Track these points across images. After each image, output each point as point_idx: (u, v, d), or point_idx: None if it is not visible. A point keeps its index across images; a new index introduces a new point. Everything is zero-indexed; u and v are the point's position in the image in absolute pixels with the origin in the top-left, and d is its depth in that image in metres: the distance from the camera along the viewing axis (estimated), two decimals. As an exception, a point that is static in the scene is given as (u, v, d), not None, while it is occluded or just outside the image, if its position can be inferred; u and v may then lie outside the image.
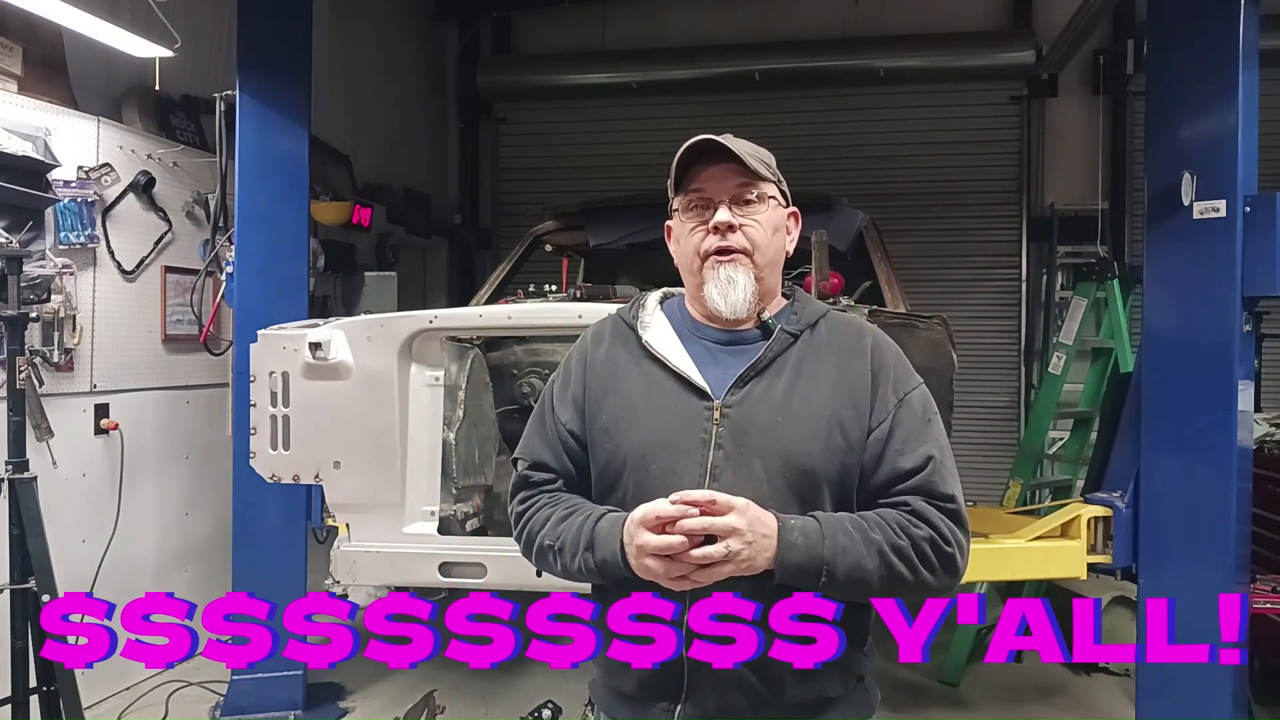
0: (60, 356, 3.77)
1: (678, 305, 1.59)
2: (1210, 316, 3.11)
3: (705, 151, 1.49)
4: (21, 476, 2.95)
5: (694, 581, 1.34)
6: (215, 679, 4.19)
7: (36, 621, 2.92)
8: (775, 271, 1.53)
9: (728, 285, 1.45)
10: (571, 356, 1.60)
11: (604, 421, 1.50)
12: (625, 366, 1.52)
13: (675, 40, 7.53)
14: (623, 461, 1.47)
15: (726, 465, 1.41)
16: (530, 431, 1.61)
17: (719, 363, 1.48)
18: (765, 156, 1.52)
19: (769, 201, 1.50)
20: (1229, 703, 3.12)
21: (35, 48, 3.78)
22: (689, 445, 1.43)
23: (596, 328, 1.63)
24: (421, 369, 2.70)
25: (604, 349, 1.56)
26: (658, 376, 1.48)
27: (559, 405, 1.56)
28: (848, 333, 1.53)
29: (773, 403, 1.43)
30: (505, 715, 3.98)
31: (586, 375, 1.55)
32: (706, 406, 1.43)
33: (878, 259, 3.62)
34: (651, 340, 1.52)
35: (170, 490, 4.48)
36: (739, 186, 1.48)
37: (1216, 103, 3.09)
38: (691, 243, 1.49)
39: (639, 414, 1.47)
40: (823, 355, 1.48)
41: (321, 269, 5.49)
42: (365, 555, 2.67)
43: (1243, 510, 3.15)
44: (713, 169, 1.48)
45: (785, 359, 1.47)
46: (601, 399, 1.51)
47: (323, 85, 5.67)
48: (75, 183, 3.85)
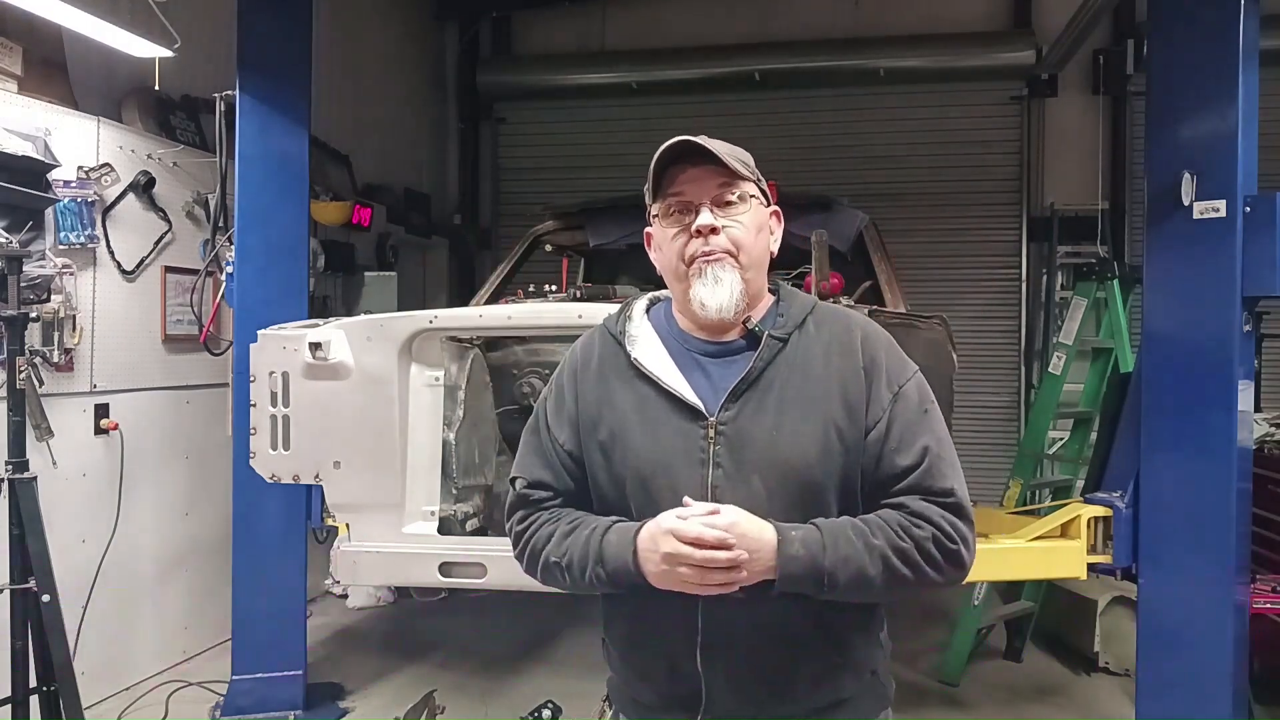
0: (60, 356, 3.77)
1: (665, 312, 1.57)
2: (1210, 316, 3.11)
3: (683, 154, 1.46)
4: (21, 476, 2.94)
5: (717, 587, 1.35)
6: (215, 679, 4.20)
7: (37, 621, 2.93)
8: (761, 273, 1.50)
9: (714, 284, 1.42)
10: (563, 373, 1.58)
11: (600, 441, 1.48)
12: (616, 385, 1.49)
13: (675, 40, 7.54)
14: (623, 482, 1.46)
15: (726, 483, 1.40)
16: (525, 450, 1.59)
17: (709, 376, 1.46)
18: (743, 156, 1.49)
19: (750, 201, 1.47)
20: (1229, 703, 3.11)
21: (35, 48, 3.78)
22: (687, 465, 1.41)
23: (585, 341, 1.59)
24: (421, 369, 2.71)
25: (594, 367, 1.53)
26: (649, 395, 1.46)
27: (554, 425, 1.54)
28: (836, 327, 1.50)
29: (766, 416, 1.41)
30: (505, 715, 3.98)
31: (579, 395, 1.52)
32: (701, 425, 1.41)
33: (878, 259, 3.62)
34: (641, 358, 1.48)
35: (170, 490, 4.48)
36: (719, 187, 1.45)
37: (1216, 102, 3.08)
38: (674, 248, 1.46)
39: (634, 435, 1.45)
40: (813, 357, 1.46)
41: (322, 269, 5.49)
42: (365, 555, 2.68)
43: (1242, 510, 3.14)
44: (692, 170, 1.45)
45: (775, 367, 1.44)
46: (596, 419, 1.49)
47: (323, 85, 5.66)
48: (75, 183, 3.85)
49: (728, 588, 1.34)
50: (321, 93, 4.62)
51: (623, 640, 1.56)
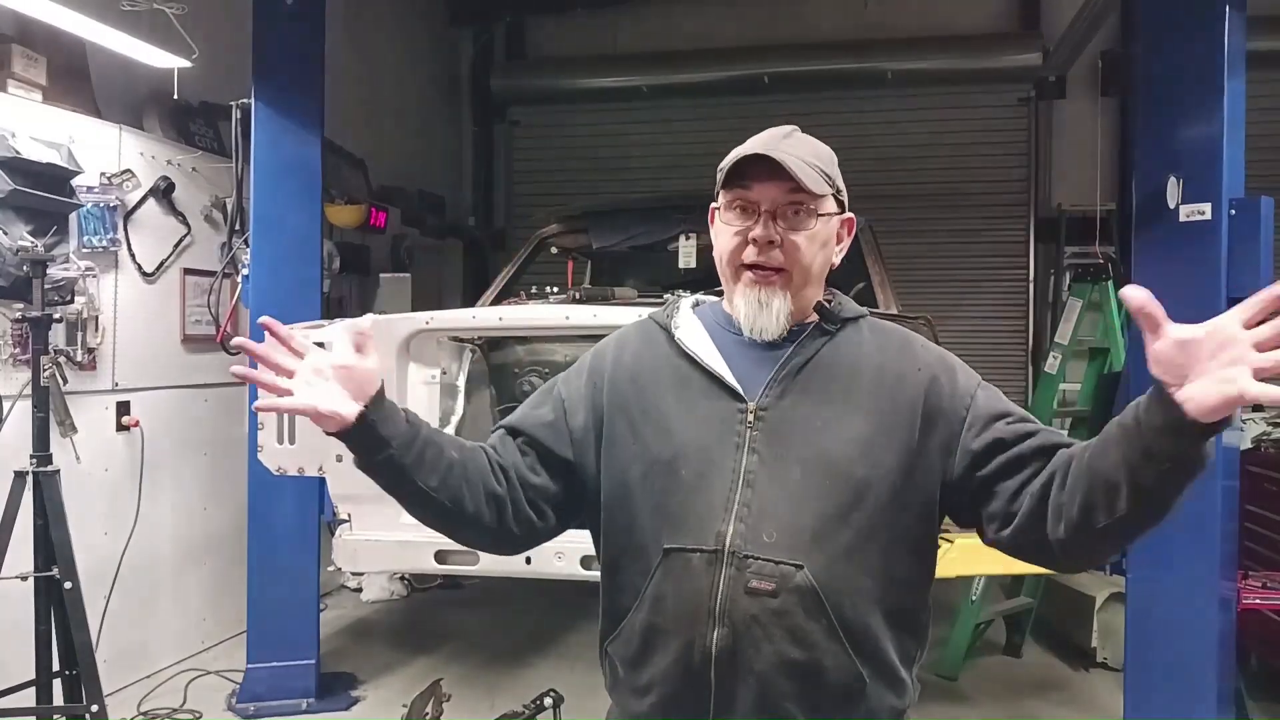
0: (83, 356, 3.89)
1: (709, 308, 1.49)
2: (1196, 318, 3.09)
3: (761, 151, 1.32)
4: (45, 470, 3.06)
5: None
6: (232, 668, 4.33)
7: (60, 607, 3.05)
8: (818, 285, 1.40)
9: (758, 308, 1.34)
10: (592, 354, 1.49)
11: (630, 420, 1.38)
12: (654, 365, 1.41)
13: (685, 44, 7.63)
14: (649, 463, 1.35)
15: (761, 470, 1.30)
16: (525, 404, 1.51)
17: (753, 360, 1.37)
18: (825, 163, 1.37)
19: (816, 215, 1.35)
20: (1214, 696, 3.16)
21: (59, 59, 3.91)
22: (720, 449, 1.32)
23: (623, 331, 1.52)
24: (419, 367, 2.81)
25: (630, 349, 1.46)
26: (689, 376, 1.38)
27: (566, 394, 1.45)
28: (894, 335, 1.42)
29: (809, 407, 1.33)
30: (511, 705, 4.07)
31: (610, 373, 1.43)
32: (740, 409, 1.33)
33: (871, 261, 3.70)
34: (684, 338, 1.41)
35: (188, 485, 4.61)
36: (789, 194, 1.33)
37: (1202, 107, 3.14)
38: (728, 245, 1.37)
39: (668, 413, 1.36)
40: (864, 356, 1.37)
41: (337, 271, 5.62)
42: (364, 544, 2.78)
43: (1229, 507, 3.19)
44: (763, 170, 1.32)
45: (822, 359, 1.36)
46: (628, 397, 1.40)
47: (339, 90, 5.79)
48: (98, 188, 3.97)
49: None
50: (338, 97, 4.74)
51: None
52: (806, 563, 1.27)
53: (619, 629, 1.38)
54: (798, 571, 1.26)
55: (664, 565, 1.32)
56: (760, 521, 1.28)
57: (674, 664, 1.31)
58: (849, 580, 1.29)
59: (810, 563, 1.27)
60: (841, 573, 1.29)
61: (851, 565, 1.29)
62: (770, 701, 1.27)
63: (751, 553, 1.27)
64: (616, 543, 1.40)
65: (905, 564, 1.34)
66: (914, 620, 1.36)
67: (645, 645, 1.34)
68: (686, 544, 1.30)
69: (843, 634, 1.27)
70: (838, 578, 1.28)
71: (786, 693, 1.27)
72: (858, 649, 1.29)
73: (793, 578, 1.26)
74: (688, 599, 1.29)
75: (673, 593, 1.30)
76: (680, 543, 1.31)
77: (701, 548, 1.29)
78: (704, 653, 1.28)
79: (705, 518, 1.30)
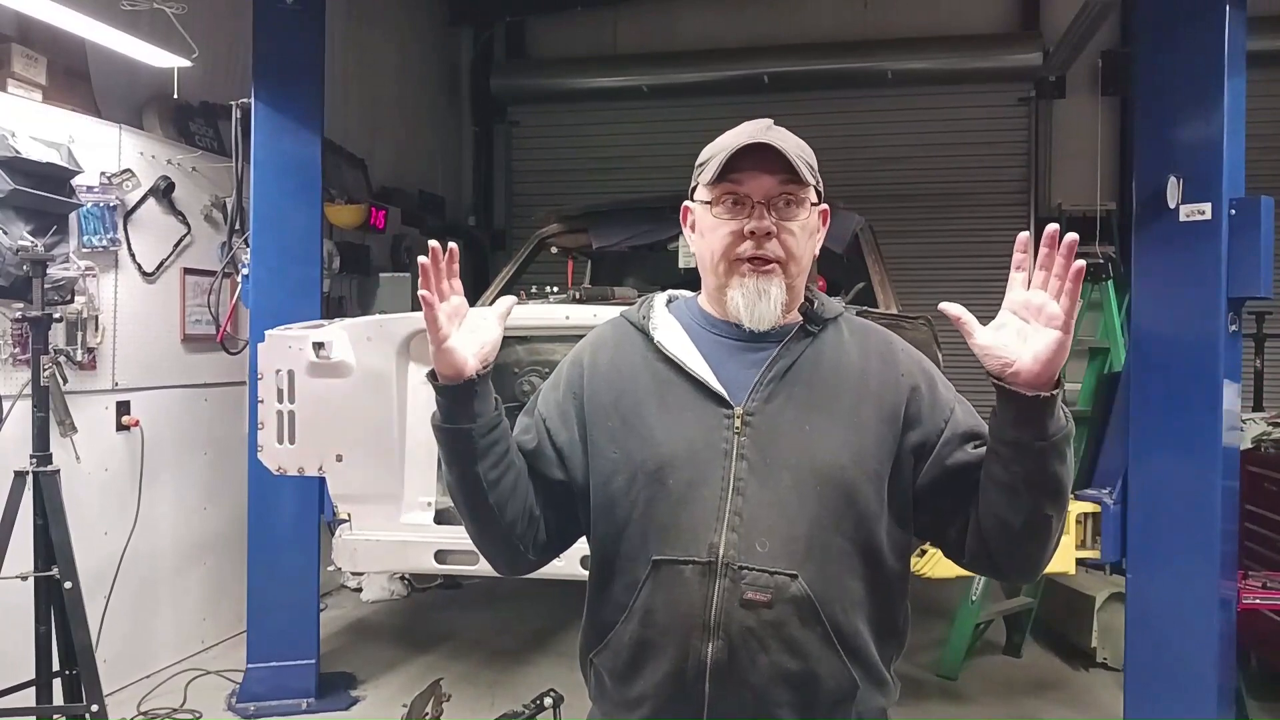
0: (83, 355, 3.89)
1: (684, 305, 1.46)
2: (1196, 317, 3.16)
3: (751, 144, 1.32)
4: (45, 469, 3.06)
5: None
6: (231, 668, 4.33)
7: (59, 607, 3.05)
8: (805, 277, 1.39)
9: (757, 297, 1.31)
10: (567, 363, 1.47)
11: (611, 428, 1.36)
12: (633, 369, 1.38)
13: (685, 44, 7.64)
14: (633, 472, 1.32)
15: (751, 477, 1.28)
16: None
17: (736, 363, 1.35)
18: (808, 155, 1.36)
19: (807, 204, 1.35)
20: (1214, 696, 3.16)
21: (59, 59, 3.91)
22: (708, 456, 1.29)
23: (596, 333, 1.49)
24: (419, 367, 2.81)
25: (608, 355, 1.42)
26: (670, 379, 1.35)
27: (545, 407, 1.44)
28: (874, 337, 1.42)
29: (797, 411, 1.31)
30: (511, 705, 4.07)
31: (588, 380, 1.41)
32: (726, 414, 1.31)
33: (872, 261, 3.70)
34: (663, 340, 1.38)
35: (189, 485, 4.61)
36: (781, 185, 1.32)
37: (1202, 107, 3.13)
38: (720, 241, 1.33)
39: (651, 421, 1.33)
40: (846, 358, 1.37)
41: (337, 270, 5.62)
42: (364, 543, 2.79)
43: (1228, 507, 3.18)
44: (755, 162, 1.32)
45: (806, 360, 1.35)
46: (608, 405, 1.37)
47: (339, 90, 5.81)
48: (98, 188, 3.97)
49: None
50: (338, 97, 4.76)
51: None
52: (800, 571, 1.26)
53: (606, 641, 1.36)
54: (793, 581, 1.26)
55: (653, 577, 1.29)
56: (753, 531, 1.27)
57: (667, 677, 1.29)
58: (840, 586, 1.29)
59: (804, 571, 1.26)
60: (833, 579, 1.28)
61: (842, 571, 1.29)
62: (765, 711, 1.27)
63: (745, 563, 1.26)
64: (601, 553, 1.38)
65: (888, 567, 1.34)
66: (894, 622, 1.37)
67: (635, 658, 1.32)
68: (677, 555, 1.28)
69: (836, 641, 1.27)
70: (830, 585, 1.28)
71: (781, 701, 1.27)
72: (851, 654, 1.29)
73: (788, 588, 1.25)
74: (680, 611, 1.27)
75: (664, 605, 1.28)
76: (671, 554, 1.29)
77: (694, 559, 1.27)
78: (698, 666, 1.26)
79: (696, 528, 1.28)
